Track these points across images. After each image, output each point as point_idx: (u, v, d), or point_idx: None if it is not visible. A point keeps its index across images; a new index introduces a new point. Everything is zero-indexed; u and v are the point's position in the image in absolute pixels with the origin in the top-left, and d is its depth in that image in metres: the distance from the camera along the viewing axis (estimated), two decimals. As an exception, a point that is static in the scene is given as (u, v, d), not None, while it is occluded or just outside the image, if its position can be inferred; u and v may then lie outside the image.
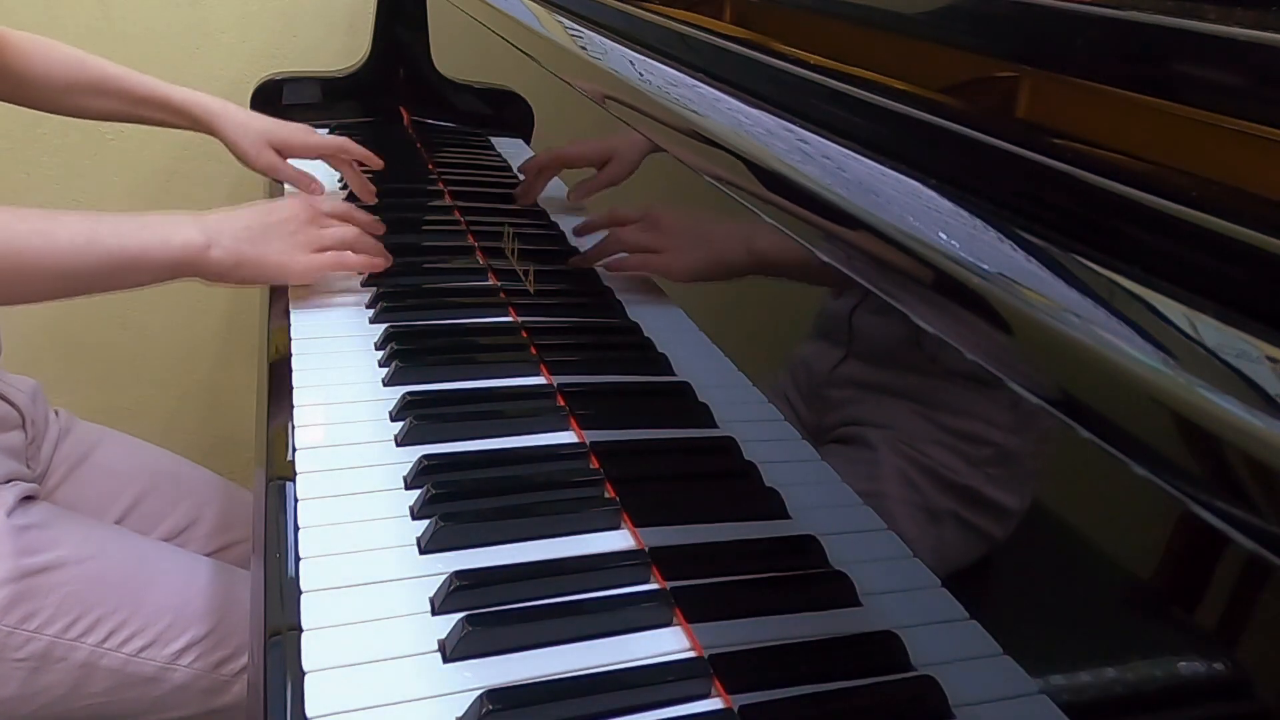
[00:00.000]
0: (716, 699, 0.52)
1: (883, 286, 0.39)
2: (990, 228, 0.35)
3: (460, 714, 0.50)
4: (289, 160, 1.10)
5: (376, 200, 1.11)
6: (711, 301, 0.62)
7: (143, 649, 0.85)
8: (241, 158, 1.09)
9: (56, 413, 1.02)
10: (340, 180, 1.19)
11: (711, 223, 0.59)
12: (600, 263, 0.76)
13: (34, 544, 0.83)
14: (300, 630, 0.54)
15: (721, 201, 0.52)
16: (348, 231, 0.92)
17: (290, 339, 0.85)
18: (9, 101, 1.08)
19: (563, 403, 0.76)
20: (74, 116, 1.12)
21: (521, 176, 0.96)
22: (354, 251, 0.91)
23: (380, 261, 0.93)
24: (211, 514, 1.05)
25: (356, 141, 1.12)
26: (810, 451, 0.50)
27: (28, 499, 0.86)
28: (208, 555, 1.01)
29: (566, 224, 0.84)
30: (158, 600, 0.87)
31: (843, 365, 0.47)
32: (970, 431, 0.38)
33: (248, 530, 1.01)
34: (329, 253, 0.90)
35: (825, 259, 0.43)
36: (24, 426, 0.93)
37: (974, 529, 0.39)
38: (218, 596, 0.90)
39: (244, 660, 0.89)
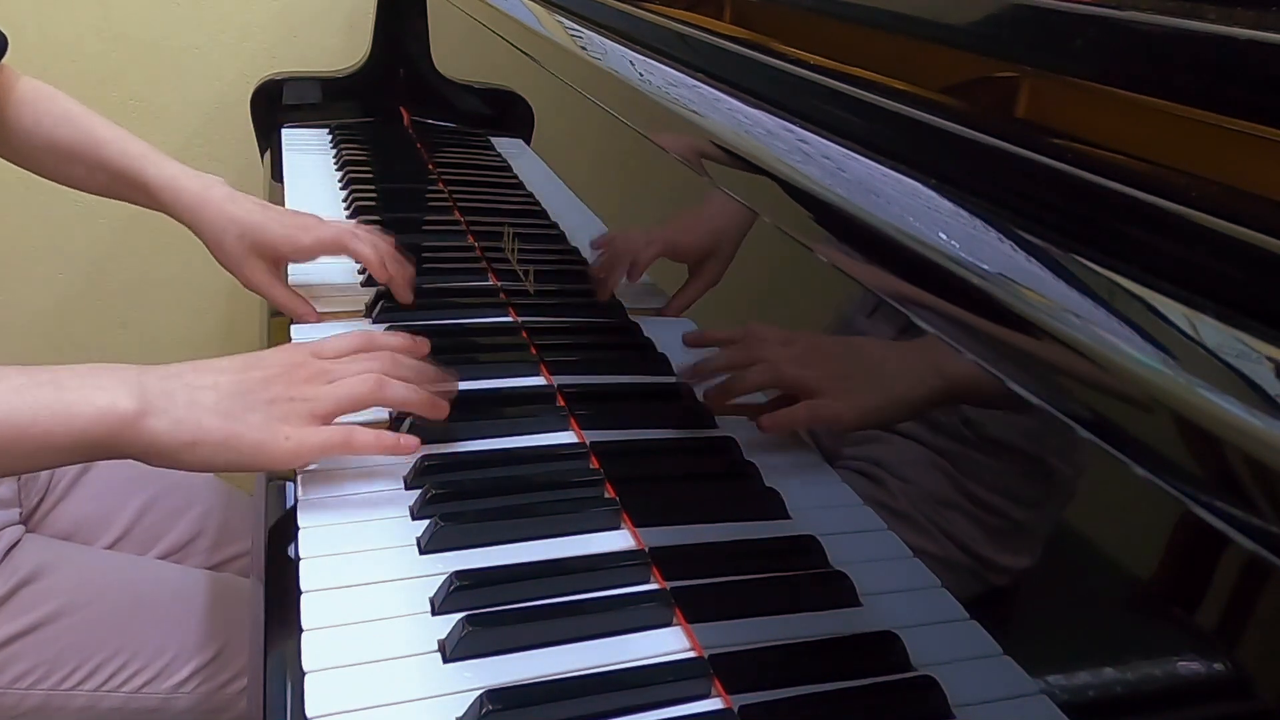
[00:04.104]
0: (716, 699, 0.52)
1: (882, 287, 0.39)
2: (990, 228, 0.35)
3: (460, 714, 0.50)
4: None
5: (413, 300, 0.87)
6: (715, 301, 0.61)
7: (144, 685, 0.83)
8: (224, 265, 0.86)
9: None
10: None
11: (879, 343, 0.43)
12: (733, 408, 0.57)
13: (24, 604, 0.80)
14: (300, 630, 0.54)
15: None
16: (359, 384, 0.64)
17: (290, 340, 0.85)
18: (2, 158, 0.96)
19: (563, 403, 0.76)
20: (56, 181, 0.95)
21: (594, 255, 0.75)
22: (386, 384, 0.64)
23: (420, 433, 0.66)
24: (213, 526, 1.02)
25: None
26: (810, 452, 0.50)
27: (14, 545, 0.83)
28: (209, 569, 1.00)
29: (663, 337, 0.64)
30: (159, 636, 0.84)
31: None
32: (993, 503, 0.38)
33: (249, 542, 1.00)
34: (331, 428, 0.62)
35: (829, 262, 0.43)
36: None
37: (985, 579, 0.39)
38: (220, 618, 0.88)
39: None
